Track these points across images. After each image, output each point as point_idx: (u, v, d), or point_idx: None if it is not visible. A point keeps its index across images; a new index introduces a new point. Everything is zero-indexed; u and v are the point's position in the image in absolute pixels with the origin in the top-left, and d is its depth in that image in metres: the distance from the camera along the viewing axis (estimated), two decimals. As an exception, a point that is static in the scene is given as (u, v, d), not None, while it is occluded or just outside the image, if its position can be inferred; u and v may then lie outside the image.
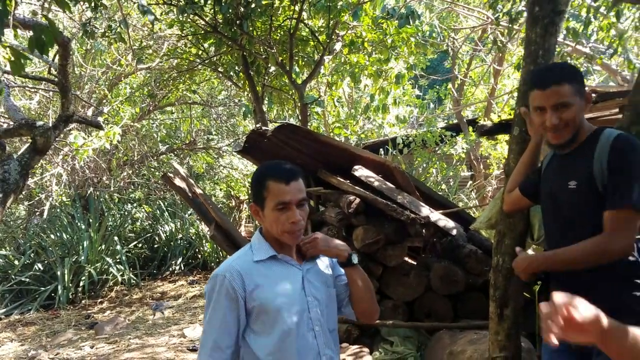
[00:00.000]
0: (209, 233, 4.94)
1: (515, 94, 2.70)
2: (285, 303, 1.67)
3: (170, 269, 9.35)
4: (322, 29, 6.13)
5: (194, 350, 5.32)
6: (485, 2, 5.79)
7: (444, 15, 9.73)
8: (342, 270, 1.87)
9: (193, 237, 9.98)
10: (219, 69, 6.97)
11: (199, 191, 5.03)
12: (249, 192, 11.73)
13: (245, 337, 1.68)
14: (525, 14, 3.39)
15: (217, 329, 1.64)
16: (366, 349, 3.91)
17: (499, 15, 5.09)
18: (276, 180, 1.68)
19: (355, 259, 1.82)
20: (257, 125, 5.14)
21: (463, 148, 9.84)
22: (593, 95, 4.22)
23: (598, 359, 1.88)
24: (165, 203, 10.59)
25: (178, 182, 5.09)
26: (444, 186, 10.02)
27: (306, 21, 6.01)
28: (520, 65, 2.81)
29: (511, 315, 2.69)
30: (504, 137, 8.96)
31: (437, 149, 9.89)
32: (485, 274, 4.03)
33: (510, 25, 4.91)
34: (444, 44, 8.46)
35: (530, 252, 3.20)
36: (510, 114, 7.68)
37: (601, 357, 1.85)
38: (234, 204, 12.37)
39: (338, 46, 6.08)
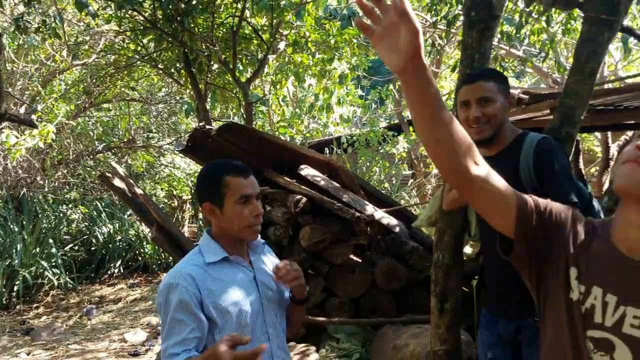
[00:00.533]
0: (150, 234, 4.83)
1: (453, 96, 2.78)
2: (241, 307, 1.62)
3: (109, 272, 9.05)
4: (265, 28, 6.11)
5: (135, 355, 5.19)
6: (424, 5, 5.96)
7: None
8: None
9: (133, 239, 9.70)
10: (159, 66, 6.81)
11: (139, 191, 4.90)
12: (192, 191, 11.52)
13: None
14: (462, 18, 3.52)
15: (178, 341, 1.51)
16: (313, 347, 3.94)
17: (436, 19, 5.24)
18: (235, 175, 1.67)
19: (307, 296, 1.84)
20: (201, 124, 5.06)
21: (404, 147, 10.07)
22: (525, 96, 4.43)
23: (528, 350, 1.97)
24: (103, 204, 10.24)
25: (117, 182, 4.94)
26: (386, 185, 10.23)
27: (249, 19, 5.97)
28: (457, 68, 2.91)
29: (451, 310, 2.77)
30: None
31: (379, 148, 10.07)
32: (426, 269, 4.14)
33: (447, 29, 5.06)
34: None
35: (467, 248, 3.33)
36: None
37: (530, 348, 1.95)
38: (176, 204, 12.11)
39: (282, 45, 6.08)
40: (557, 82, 7.02)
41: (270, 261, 1.86)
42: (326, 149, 9.53)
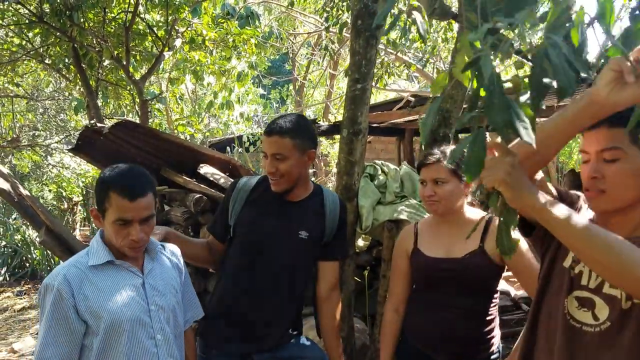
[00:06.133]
0: (38, 238, 4.58)
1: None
2: (118, 313, 1.59)
3: (-7, 280, 8.40)
4: (160, 24, 5.99)
5: (24, 365, 4.90)
6: (318, 8, 6.15)
7: (283, 19, 10.05)
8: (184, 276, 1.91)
9: (19, 244, 9.05)
10: (46, 61, 6.43)
11: (25, 192, 4.63)
12: (84, 192, 10.95)
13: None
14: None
15: (51, 348, 1.53)
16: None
17: (329, 24, 5.43)
18: (120, 195, 1.57)
19: None
20: (92, 122, 4.88)
21: (305, 146, 10.23)
22: (412, 99, 4.75)
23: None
24: (-16, 208, 9.46)
25: (0, 182, 4.62)
26: (288, 183, 10.32)
27: (143, 15, 5.83)
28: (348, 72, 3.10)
29: (345, 298, 2.95)
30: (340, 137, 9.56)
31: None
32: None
33: (338, 34, 5.27)
34: (283, 46, 8.74)
35: (360, 240, 3.54)
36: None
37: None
38: (66, 206, 11.43)
39: (178, 43, 5.99)
40: (441, 86, 7.51)
41: (171, 264, 1.85)
42: (228, 147, 9.48)
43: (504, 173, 1.11)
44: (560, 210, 1.12)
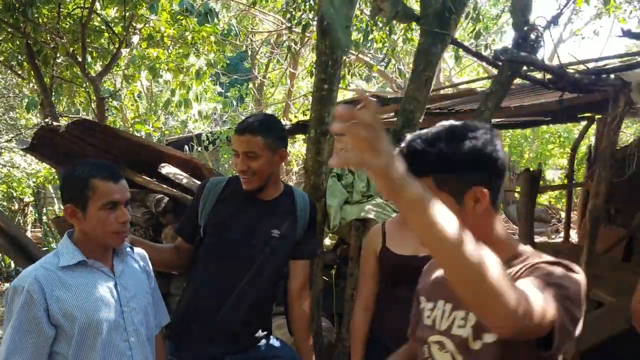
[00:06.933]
0: (-10, 242, 4.39)
1: (310, 97, 2.96)
2: (92, 314, 1.56)
3: (-61, 285, 8.00)
4: (117, 20, 5.85)
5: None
6: (279, 6, 6.14)
7: (241, 17, 9.98)
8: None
9: (-34, 248, 8.65)
10: (-2, 58, 6.18)
11: (-24, 195, 4.44)
12: (35, 192, 10.55)
13: None
14: (314, 23, 3.71)
15: (18, 354, 1.49)
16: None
17: (291, 25, 5.43)
18: (104, 179, 1.59)
19: None
20: (47, 120, 4.73)
21: (265, 145, 10.16)
22: (373, 99, 4.80)
23: None
24: None
25: (-52, 185, 4.42)
26: (248, 182, 10.22)
27: (99, 11, 5.67)
28: (313, 72, 3.12)
29: (312, 297, 2.97)
30: (301, 136, 9.58)
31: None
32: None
33: (301, 34, 5.28)
34: (242, 44, 8.68)
35: (327, 239, 3.57)
36: (305, 115, 8.24)
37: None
38: (16, 207, 11.00)
39: (135, 39, 5.86)
40: (400, 87, 7.65)
41: (140, 267, 1.84)
42: (186, 146, 9.32)
43: (384, 156, 0.81)
44: (442, 211, 0.86)
